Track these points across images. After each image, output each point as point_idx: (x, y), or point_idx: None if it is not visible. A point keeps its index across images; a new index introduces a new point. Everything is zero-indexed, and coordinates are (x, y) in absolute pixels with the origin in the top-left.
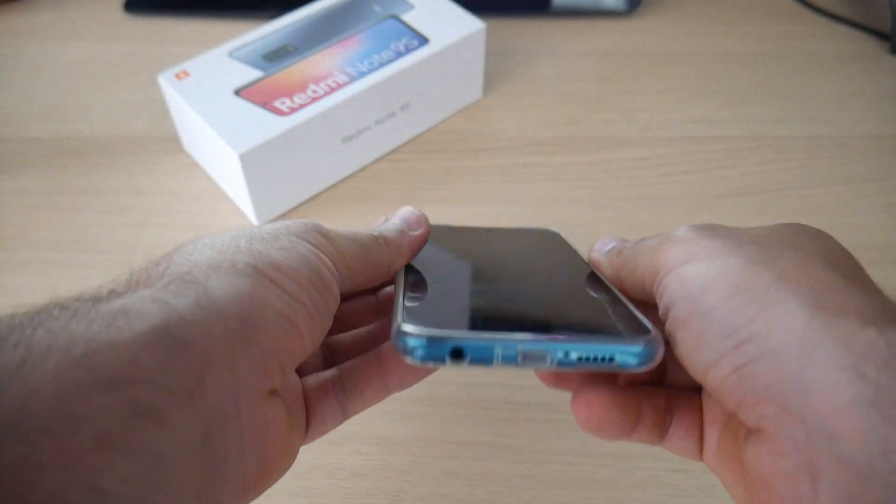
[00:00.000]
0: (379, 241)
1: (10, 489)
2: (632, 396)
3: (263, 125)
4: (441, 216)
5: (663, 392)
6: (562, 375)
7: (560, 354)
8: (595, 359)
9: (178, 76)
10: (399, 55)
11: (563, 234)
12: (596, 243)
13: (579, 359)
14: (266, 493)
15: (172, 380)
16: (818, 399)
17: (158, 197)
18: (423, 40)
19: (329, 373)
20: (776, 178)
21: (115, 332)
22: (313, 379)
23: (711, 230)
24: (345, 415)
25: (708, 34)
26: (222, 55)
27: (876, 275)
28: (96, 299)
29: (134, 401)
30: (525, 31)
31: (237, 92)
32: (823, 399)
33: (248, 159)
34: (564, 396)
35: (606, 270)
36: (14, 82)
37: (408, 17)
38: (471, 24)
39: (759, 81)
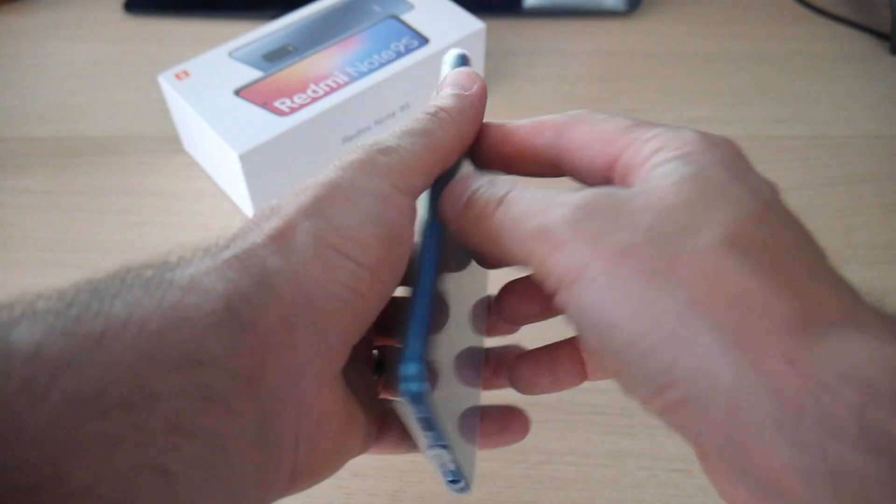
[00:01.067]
0: (440, 116)
1: (92, 466)
2: (545, 349)
3: (263, 125)
4: None
5: (570, 339)
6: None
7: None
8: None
9: (178, 76)
10: (399, 55)
11: None
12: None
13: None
14: None
15: (237, 364)
16: (757, 459)
17: (158, 197)
18: (423, 40)
19: None
20: (776, 178)
21: (185, 310)
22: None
23: (589, 222)
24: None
25: (708, 34)
26: (222, 55)
27: (876, 275)
28: (165, 267)
29: (203, 384)
30: (525, 31)
31: (237, 92)
32: (762, 460)
33: (248, 159)
34: (564, 396)
35: (459, 220)
36: (14, 82)
37: (408, 17)
38: (471, 24)
39: (759, 81)
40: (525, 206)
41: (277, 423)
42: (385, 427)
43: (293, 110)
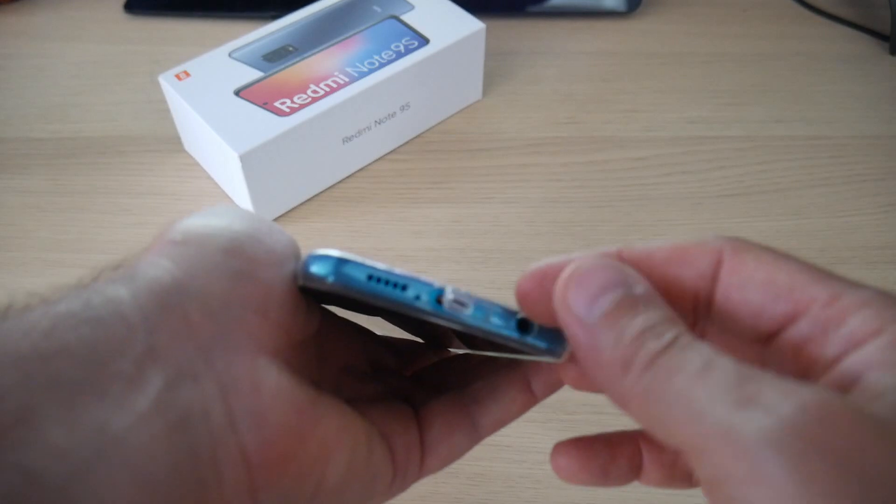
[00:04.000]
0: None
1: None
2: (602, 440)
3: (263, 125)
4: (441, 216)
5: (632, 433)
6: None
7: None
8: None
9: (178, 76)
10: (399, 55)
11: (561, 235)
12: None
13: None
14: None
15: (102, 350)
16: None
17: (158, 197)
18: (423, 40)
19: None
20: (776, 178)
21: (28, 319)
22: (441, 400)
23: (805, 452)
24: (477, 430)
25: (708, 34)
26: (222, 55)
27: (875, 275)
28: (11, 306)
29: (55, 374)
30: (525, 31)
31: (237, 92)
32: None
33: (248, 159)
34: (564, 396)
35: (584, 338)
36: (14, 82)
37: (408, 18)
38: (471, 25)
39: (758, 81)
40: (700, 380)
41: (188, 397)
42: (425, 426)
43: (293, 110)
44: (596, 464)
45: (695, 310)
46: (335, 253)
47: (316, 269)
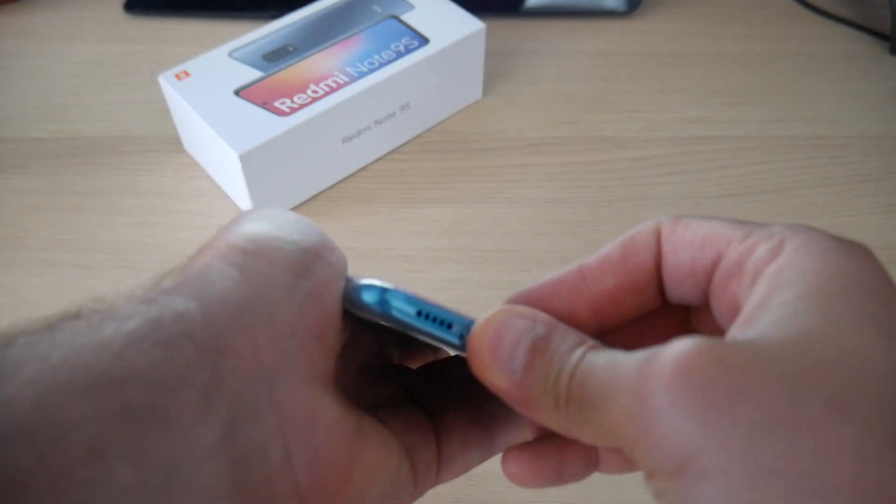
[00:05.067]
0: None
1: None
2: (551, 442)
3: (263, 125)
4: (441, 216)
5: None
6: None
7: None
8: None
9: (178, 76)
10: (399, 55)
11: (561, 235)
12: (503, 320)
13: (418, 313)
14: None
15: (172, 376)
16: None
17: (158, 197)
18: (423, 40)
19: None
20: (776, 178)
21: (99, 335)
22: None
23: (695, 391)
24: (492, 443)
25: (708, 34)
26: (222, 55)
27: None
28: (80, 315)
29: (127, 403)
30: (525, 31)
31: (237, 92)
32: None
33: (248, 159)
34: None
35: (515, 389)
36: (14, 82)
37: (408, 17)
38: (471, 24)
39: (759, 81)
40: (608, 373)
41: (250, 433)
42: (443, 439)
43: (293, 110)
44: (548, 466)
45: (662, 289)
46: (381, 283)
47: (368, 298)
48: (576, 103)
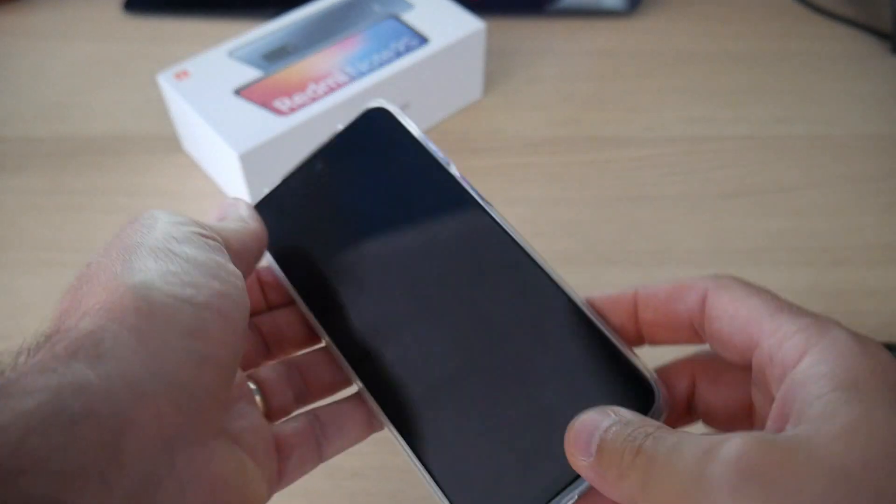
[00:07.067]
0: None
1: None
2: None
3: (263, 125)
4: None
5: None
6: None
7: None
8: None
9: (177, 76)
10: (399, 55)
11: (561, 235)
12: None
13: None
14: None
15: (72, 462)
16: None
17: (158, 197)
18: (423, 40)
19: (302, 416)
20: (776, 178)
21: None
22: (289, 424)
23: (752, 488)
24: (321, 458)
25: (707, 34)
26: (222, 55)
27: (877, 274)
28: None
29: (26, 496)
30: (525, 31)
31: (237, 92)
32: None
33: (248, 159)
34: None
35: (591, 472)
36: (14, 82)
37: (408, 17)
38: (471, 24)
39: (759, 81)
40: (671, 458)
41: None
42: (284, 456)
43: (293, 110)
44: None
45: (697, 335)
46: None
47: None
48: (576, 103)
